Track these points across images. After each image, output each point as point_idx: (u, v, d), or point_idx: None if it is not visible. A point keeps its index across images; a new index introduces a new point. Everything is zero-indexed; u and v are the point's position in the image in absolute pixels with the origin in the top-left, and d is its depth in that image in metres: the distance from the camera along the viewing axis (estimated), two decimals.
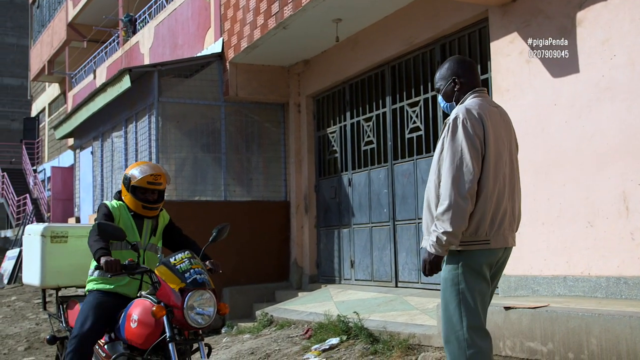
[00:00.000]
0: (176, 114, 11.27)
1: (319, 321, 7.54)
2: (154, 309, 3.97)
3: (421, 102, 8.62)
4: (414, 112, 8.74)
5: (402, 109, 9.00)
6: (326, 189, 10.79)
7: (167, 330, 4.00)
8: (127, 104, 11.89)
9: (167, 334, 3.99)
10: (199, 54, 11.70)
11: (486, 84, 7.47)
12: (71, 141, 17.05)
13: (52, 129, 18.59)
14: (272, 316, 8.81)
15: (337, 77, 10.23)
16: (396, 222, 9.03)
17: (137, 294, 4.49)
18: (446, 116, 3.73)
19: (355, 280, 9.92)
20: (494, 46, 7.12)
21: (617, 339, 4.39)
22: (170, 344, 3.97)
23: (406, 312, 7.15)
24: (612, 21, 5.92)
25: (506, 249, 3.62)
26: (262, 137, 11.71)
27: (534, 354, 4.93)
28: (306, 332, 7.58)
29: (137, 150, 11.62)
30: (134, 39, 15.43)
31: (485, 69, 7.57)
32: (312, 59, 10.79)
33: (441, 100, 3.85)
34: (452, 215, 3.37)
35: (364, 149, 9.85)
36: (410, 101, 8.84)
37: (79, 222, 15.17)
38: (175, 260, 4.12)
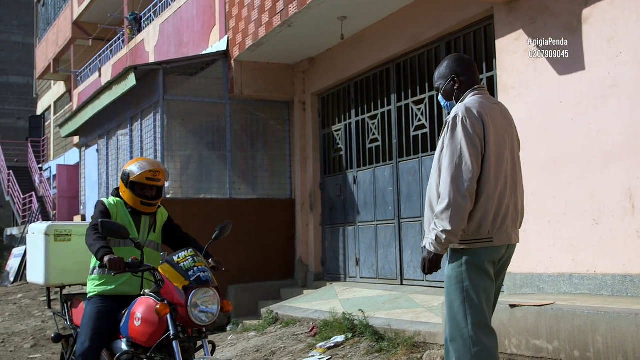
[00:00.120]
0: (181, 112, 11.27)
1: (325, 319, 7.53)
2: (158, 307, 3.97)
3: (426, 100, 8.60)
4: (419, 109, 8.73)
5: (407, 106, 8.98)
6: (331, 187, 10.79)
7: (171, 328, 4.00)
8: (132, 102, 11.90)
9: (171, 332, 3.99)
10: (204, 52, 11.71)
11: (492, 82, 7.46)
12: (77, 139, 17.07)
13: (57, 127, 18.65)
14: (277, 314, 8.80)
15: (342, 75, 10.22)
16: (401, 220, 9.01)
17: (141, 292, 4.49)
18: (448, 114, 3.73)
19: (360, 278, 9.91)
20: (500, 44, 7.10)
21: (623, 337, 4.37)
22: (174, 342, 3.97)
23: (411, 310, 7.15)
24: (618, 18, 5.89)
25: (510, 246, 3.62)
26: (267, 135, 11.71)
27: (540, 352, 4.91)
28: (311, 330, 7.58)
29: (142, 148, 11.63)
30: (139, 37, 15.46)
31: (490, 67, 7.55)
32: (317, 56, 10.78)
33: (441, 99, 3.84)
34: (452, 213, 3.37)
35: (369, 146, 9.84)
36: (415, 99, 8.83)
37: (84, 220, 15.18)
38: (178, 258, 4.12)
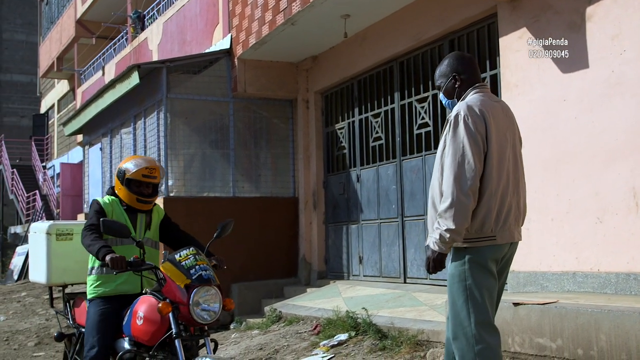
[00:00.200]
0: (185, 110, 11.27)
1: (328, 317, 7.53)
2: (160, 305, 3.98)
3: (430, 98, 8.59)
4: (423, 108, 8.72)
5: (410, 104, 8.97)
6: (335, 185, 10.78)
7: (173, 326, 4.00)
8: (135, 100, 11.91)
9: (173, 330, 4.00)
10: (207, 50, 11.70)
11: (495, 80, 7.45)
12: (80, 137, 17.09)
13: (61, 125, 18.66)
14: (280, 312, 8.81)
15: (346, 73, 10.21)
16: (405, 218, 9.01)
17: (143, 291, 4.49)
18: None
19: (363, 276, 9.91)
20: (503, 42, 7.08)
21: (627, 335, 4.36)
22: (176, 340, 3.98)
23: (415, 308, 7.14)
24: (622, 16, 5.87)
25: (512, 244, 3.63)
26: (270, 133, 11.70)
27: (543, 350, 4.91)
28: (315, 328, 7.57)
29: (145, 146, 11.63)
30: (143, 35, 15.45)
31: (494, 65, 7.54)
32: (321, 55, 10.78)
33: (442, 97, 3.83)
34: (455, 212, 3.36)
35: (372, 145, 9.83)
36: (418, 97, 8.81)
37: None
38: (180, 256, 4.13)
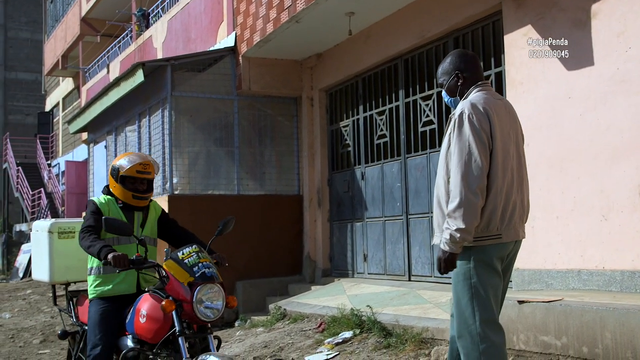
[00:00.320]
0: (189, 108, 11.29)
1: (332, 315, 7.53)
2: (164, 303, 3.98)
3: (434, 96, 8.58)
4: (427, 105, 8.71)
5: (415, 102, 8.96)
6: (339, 183, 10.78)
7: (176, 324, 4.00)
8: (140, 98, 11.92)
9: (177, 328, 4.00)
10: (211, 48, 11.71)
11: (500, 77, 7.44)
12: (85, 135, 17.11)
13: (66, 123, 18.67)
14: (285, 310, 8.81)
15: (350, 71, 10.20)
16: (409, 216, 9.00)
17: (142, 290, 4.50)
18: None
19: (368, 274, 9.91)
20: (508, 39, 7.06)
21: (632, 333, 4.35)
22: (179, 338, 3.98)
23: (419, 306, 7.13)
24: (628, 13, 5.85)
25: (517, 241, 3.62)
26: (275, 131, 11.71)
27: (548, 348, 4.90)
28: (319, 326, 7.58)
29: (150, 144, 11.65)
30: (147, 33, 15.47)
31: (498, 63, 7.52)
32: (325, 52, 10.77)
33: (445, 95, 3.82)
34: (464, 211, 3.35)
35: (377, 142, 9.82)
36: (423, 95, 8.80)
37: None
38: (183, 254, 4.13)
